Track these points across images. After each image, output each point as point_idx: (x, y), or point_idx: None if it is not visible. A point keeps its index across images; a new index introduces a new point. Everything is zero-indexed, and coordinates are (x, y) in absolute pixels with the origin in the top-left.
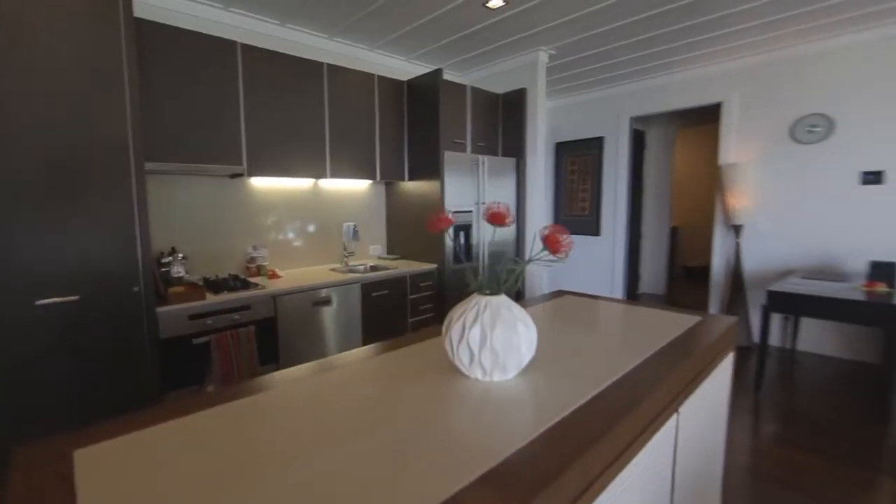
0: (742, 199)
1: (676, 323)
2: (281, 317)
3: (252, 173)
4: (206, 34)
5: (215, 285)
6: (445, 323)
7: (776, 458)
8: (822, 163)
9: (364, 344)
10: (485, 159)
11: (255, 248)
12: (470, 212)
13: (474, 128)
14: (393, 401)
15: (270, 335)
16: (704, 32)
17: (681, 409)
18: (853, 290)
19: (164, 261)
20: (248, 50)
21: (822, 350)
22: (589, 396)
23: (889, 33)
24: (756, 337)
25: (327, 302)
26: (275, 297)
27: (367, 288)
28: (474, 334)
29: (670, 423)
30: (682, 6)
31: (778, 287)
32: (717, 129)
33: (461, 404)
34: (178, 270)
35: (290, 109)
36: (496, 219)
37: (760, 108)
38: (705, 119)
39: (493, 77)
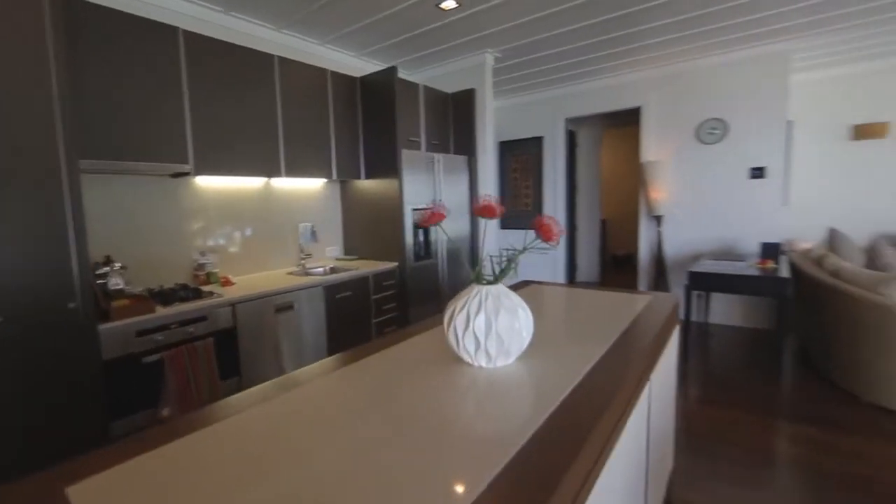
0: (661, 192)
1: (634, 302)
2: (241, 326)
3: (199, 172)
4: (144, 17)
5: (163, 296)
6: (447, 314)
7: (704, 416)
8: (721, 160)
9: (330, 349)
10: (440, 157)
11: (202, 254)
12: (426, 209)
13: (428, 126)
14: (409, 395)
15: (230, 347)
16: (626, 44)
17: (651, 377)
18: (749, 268)
19: (98, 272)
20: (192, 37)
21: (729, 321)
22: (584, 373)
23: (767, 51)
24: (680, 314)
25: (290, 307)
26: (234, 306)
27: (331, 290)
28: (479, 322)
29: (646, 391)
30: (607, 20)
31: (696, 268)
32: (638, 130)
33: (482, 392)
34: (115, 282)
35: (241, 103)
36: (487, 212)
37: (672, 112)
38: (627, 121)
39: (443, 77)
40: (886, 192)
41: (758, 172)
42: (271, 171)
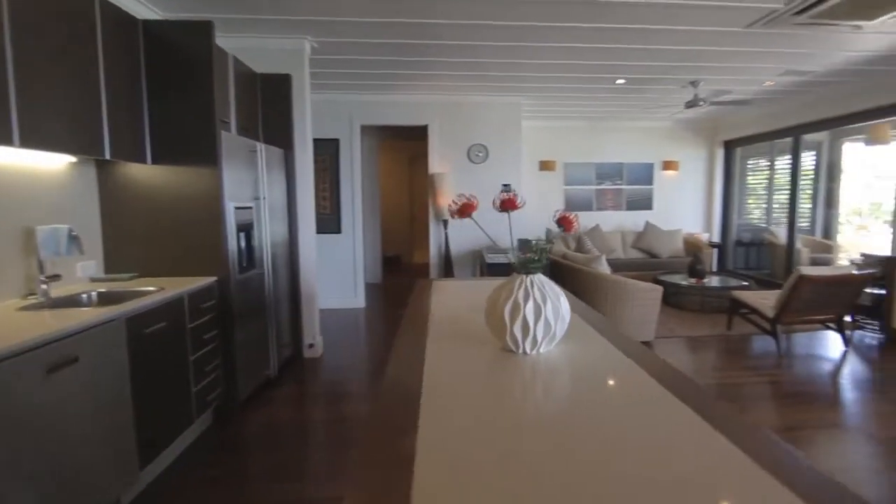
0: (447, 200)
1: None
2: None
3: None
4: None
5: None
6: (490, 305)
7: None
8: (485, 177)
9: (138, 416)
10: (262, 147)
11: None
12: (250, 208)
13: (239, 107)
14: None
15: None
16: (419, 69)
17: None
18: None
19: None
20: None
21: None
22: (622, 348)
23: (509, 100)
24: None
25: (71, 361)
26: None
27: (137, 324)
28: (529, 309)
29: None
30: (406, 44)
31: (493, 260)
32: (409, 144)
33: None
34: None
35: None
36: (509, 205)
37: (452, 133)
38: (402, 135)
39: (253, 53)
40: (558, 206)
41: (507, 188)
42: None
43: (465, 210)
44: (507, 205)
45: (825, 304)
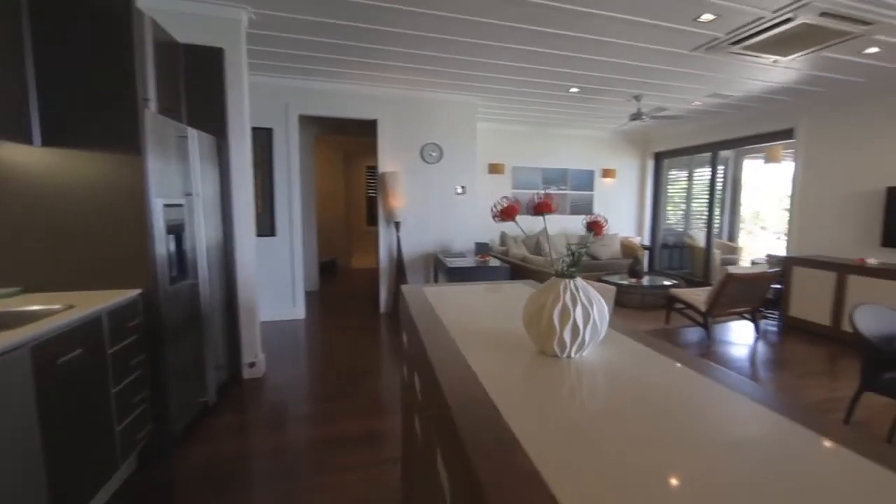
0: (399, 201)
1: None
2: None
3: None
4: None
5: None
6: (534, 311)
7: None
8: (439, 178)
9: (50, 469)
10: (194, 133)
11: None
12: (181, 206)
13: (159, 82)
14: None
15: None
16: (368, 57)
17: None
18: (476, 261)
19: None
20: None
21: None
22: (656, 346)
23: (466, 99)
24: None
25: None
26: None
27: (47, 353)
28: (579, 313)
29: None
30: (356, 27)
31: (453, 265)
32: (346, 139)
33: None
34: None
35: None
36: (544, 208)
37: (404, 130)
38: (338, 129)
39: (174, 18)
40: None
41: (461, 190)
42: None
43: (508, 212)
44: (542, 208)
45: (745, 298)
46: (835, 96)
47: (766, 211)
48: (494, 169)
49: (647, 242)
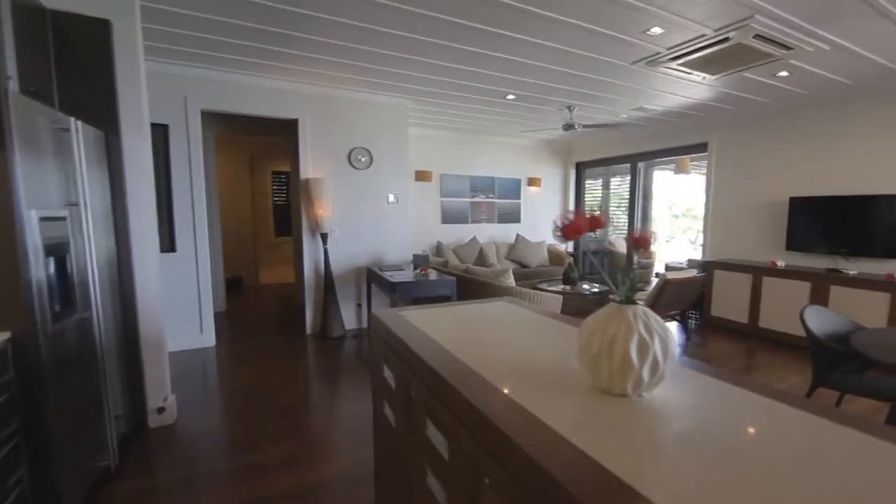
0: (325, 210)
1: (513, 307)
2: None
3: None
4: None
5: None
6: (604, 346)
7: None
8: (369, 185)
9: None
10: (78, 125)
11: None
12: (63, 219)
13: (21, 57)
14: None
15: None
16: (286, 46)
17: None
18: (418, 275)
19: None
20: None
21: None
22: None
23: (396, 102)
24: (349, 325)
25: None
26: None
27: None
28: (657, 346)
29: None
30: (278, 9)
31: (398, 279)
32: (252, 139)
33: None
34: None
35: None
36: (642, 243)
37: (329, 132)
38: (242, 128)
39: None
40: (436, 218)
41: (394, 199)
42: None
43: (584, 228)
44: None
45: (679, 300)
46: (743, 114)
47: (659, 218)
48: (422, 176)
49: (571, 250)
